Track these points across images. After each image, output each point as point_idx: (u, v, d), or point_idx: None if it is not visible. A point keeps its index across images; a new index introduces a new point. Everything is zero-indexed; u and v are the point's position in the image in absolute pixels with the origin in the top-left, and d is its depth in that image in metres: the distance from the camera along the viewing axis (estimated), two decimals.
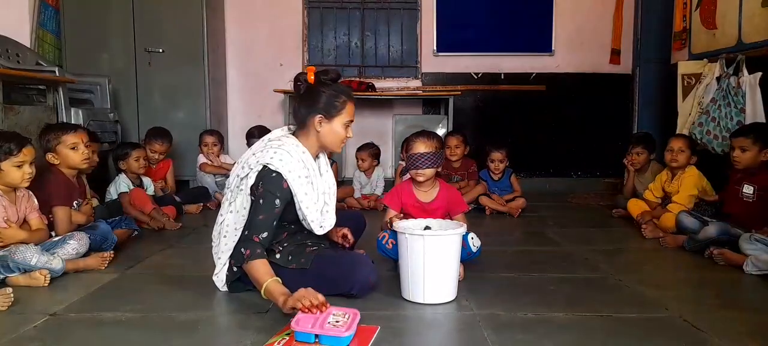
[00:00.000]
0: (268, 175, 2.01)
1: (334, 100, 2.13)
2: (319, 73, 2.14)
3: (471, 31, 5.37)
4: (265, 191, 2.00)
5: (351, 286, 2.05)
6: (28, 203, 2.52)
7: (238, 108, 5.37)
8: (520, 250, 3.06)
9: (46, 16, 4.54)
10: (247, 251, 1.97)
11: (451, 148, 4.24)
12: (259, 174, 2.03)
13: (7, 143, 2.39)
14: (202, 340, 1.75)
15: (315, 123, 2.12)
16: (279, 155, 2.03)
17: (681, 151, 3.41)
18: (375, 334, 1.73)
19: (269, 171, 2.01)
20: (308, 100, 2.14)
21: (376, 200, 4.30)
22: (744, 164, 2.93)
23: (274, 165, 2.01)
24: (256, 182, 2.04)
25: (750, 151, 2.91)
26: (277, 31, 5.33)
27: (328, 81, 2.14)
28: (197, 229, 3.49)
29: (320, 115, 2.12)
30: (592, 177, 5.47)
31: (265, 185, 2.01)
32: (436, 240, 2.02)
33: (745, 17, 3.56)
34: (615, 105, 5.45)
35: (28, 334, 1.77)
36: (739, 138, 2.97)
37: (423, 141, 2.41)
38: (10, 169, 2.39)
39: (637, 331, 1.82)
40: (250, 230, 2.00)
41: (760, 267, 2.42)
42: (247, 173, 2.07)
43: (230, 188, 2.16)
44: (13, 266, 2.22)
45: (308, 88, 2.14)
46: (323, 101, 2.12)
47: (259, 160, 2.05)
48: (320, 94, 2.12)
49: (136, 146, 3.78)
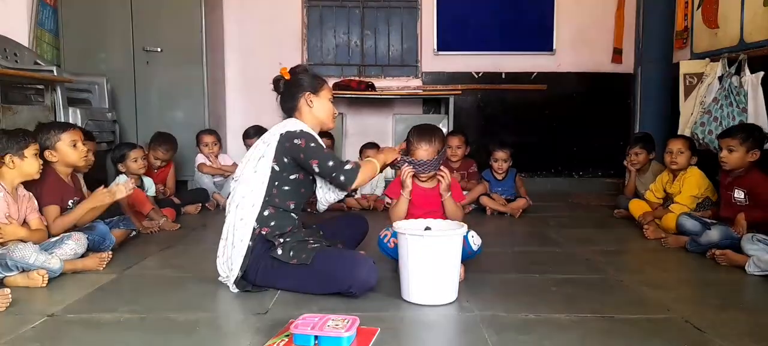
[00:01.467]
0: (294, 133, 2.19)
1: (315, 77, 2.36)
2: (293, 69, 2.36)
3: (471, 30, 5.36)
4: (307, 140, 2.18)
5: (350, 284, 2.05)
6: (29, 203, 2.52)
7: (237, 108, 5.36)
8: (521, 250, 3.05)
9: (44, 15, 4.52)
10: (350, 164, 2.19)
11: (452, 149, 4.23)
12: (279, 142, 2.18)
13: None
14: (201, 340, 1.74)
15: (306, 102, 2.31)
16: (290, 124, 2.24)
17: (680, 153, 3.38)
18: (375, 336, 1.72)
19: (292, 132, 2.19)
20: (291, 89, 2.33)
21: (376, 200, 4.28)
22: (731, 165, 2.91)
23: (292, 128, 2.21)
24: (280, 149, 2.18)
25: (737, 151, 2.89)
26: (277, 31, 5.31)
27: (302, 71, 2.37)
28: (196, 229, 3.48)
29: (307, 92, 2.30)
30: (594, 177, 5.46)
31: (305, 138, 2.19)
32: (437, 241, 2.01)
33: (747, 16, 3.54)
34: (616, 105, 5.43)
35: (26, 335, 1.76)
36: (726, 139, 2.94)
37: (425, 148, 2.41)
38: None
39: (638, 332, 1.81)
40: (332, 160, 2.17)
41: (762, 268, 2.41)
42: (263, 153, 2.20)
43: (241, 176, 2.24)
44: (12, 264, 2.22)
45: (287, 83, 2.34)
46: (306, 81, 2.33)
47: (273, 135, 2.22)
48: (301, 78, 2.33)
49: (133, 147, 3.75)
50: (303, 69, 2.40)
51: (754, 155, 2.86)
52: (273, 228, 2.16)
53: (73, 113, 3.69)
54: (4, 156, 2.44)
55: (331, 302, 2.03)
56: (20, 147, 2.47)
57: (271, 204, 2.18)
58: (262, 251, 2.14)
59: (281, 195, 2.20)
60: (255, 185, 2.17)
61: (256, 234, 2.15)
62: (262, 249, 2.14)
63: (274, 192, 2.19)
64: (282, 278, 2.14)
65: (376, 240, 2.47)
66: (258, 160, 2.20)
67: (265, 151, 2.20)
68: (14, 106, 3.20)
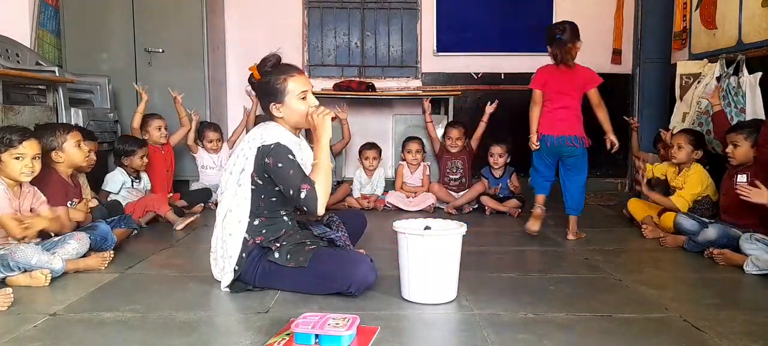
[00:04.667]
0: (268, 149, 2.09)
1: (276, 83, 2.19)
2: (259, 64, 2.23)
3: (471, 31, 5.37)
4: (275, 159, 2.08)
5: (349, 284, 2.05)
6: (34, 198, 2.52)
7: (238, 108, 5.36)
8: (521, 250, 3.06)
9: (46, 15, 4.53)
10: (306, 186, 2.04)
11: (451, 139, 4.32)
12: (256, 157, 2.10)
13: (8, 135, 2.41)
14: (202, 340, 1.75)
15: (274, 110, 2.22)
16: (267, 134, 2.14)
17: (680, 148, 3.37)
18: (375, 334, 1.73)
19: (266, 147, 2.10)
20: (261, 94, 2.25)
21: (376, 199, 4.30)
22: (739, 160, 2.95)
23: (268, 141, 2.11)
24: (258, 165, 2.11)
25: (742, 146, 2.92)
26: (277, 31, 5.32)
27: (269, 69, 2.21)
28: (197, 229, 3.49)
29: (272, 102, 2.21)
30: (593, 177, 5.43)
31: (274, 156, 2.08)
32: (436, 240, 2.02)
33: (746, 17, 3.55)
34: (615, 105, 5.42)
35: (28, 334, 1.77)
36: (731, 134, 2.99)
37: None
38: (9, 161, 2.39)
39: (637, 331, 1.82)
40: (293, 188, 2.05)
41: (760, 267, 2.43)
42: (243, 166, 2.13)
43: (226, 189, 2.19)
44: (14, 265, 2.22)
45: (258, 84, 2.23)
46: (270, 89, 2.20)
47: (250, 147, 2.13)
48: (266, 84, 2.21)
49: (143, 145, 3.80)
50: (271, 63, 2.22)
51: None
52: (266, 235, 2.16)
53: (75, 114, 3.69)
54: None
55: (332, 301, 2.04)
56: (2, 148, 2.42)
57: (260, 215, 2.16)
58: (258, 256, 2.14)
59: (269, 205, 2.17)
60: (240, 199, 2.13)
61: (250, 245, 2.14)
62: (258, 254, 2.15)
63: (261, 204, 2.16)
64: (280, 281, 2.14)
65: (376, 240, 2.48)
66: (240, 174, 2.14)
67: (245, 165, 2.13)
68: (16, 107, 3.21)
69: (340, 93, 4.90)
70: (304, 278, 2.10)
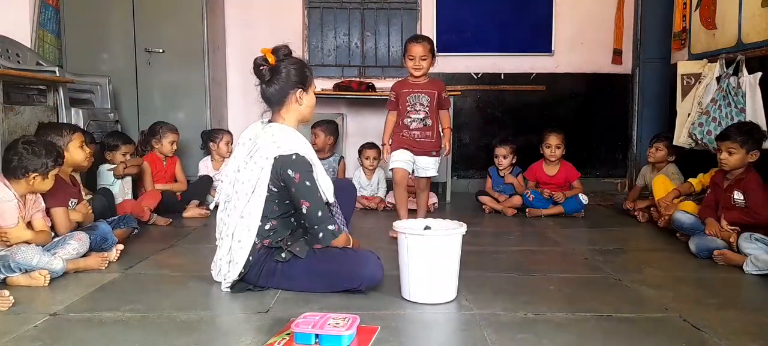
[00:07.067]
0: (288, 160, 2.05)
1: (304, 69, 2.17)
2: (276, 50, 2.15)
3: (471, 31, 5.37)
4: (300, 177, 2.05)
5: (360, 282, 2.07)
6: (35, 203, 2.52)
7: (238, 108, 5.37)
8: (520, 249, 3.06)
9: (46, 16, 4.53)
10: (334, 226, 2.11)
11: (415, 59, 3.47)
12: (274, 165, 2.06)
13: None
14: (202, 340, 1.75)
15: (295, 98, 2.16)
16: (281, 140, 2.08)
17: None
18: (375, 334, 1.74)
19: (286, 159, 2.05)
20: (278, 80, 2.14)
21: (379, 201, 4.30)
22: (731, 166, 2.89)
23: (285, 150, 2.06)
24: (275, 173, 2.06)
25: (737, 153, 2.86)
26: (278, 32, 5.29)
27: (285, 56, 2.16)
28: (197, 229, 3.49)
29: (300, 88, 2.15)
30: (592, 177, 5.46)
31: (298, 170, 2.05)
32: (436, 240, 2.03)
33: (745, 17, 3.55)
34: (615, 105, 5.44)
35: (28, 334, 1.78)
36: (726, 142, 2.89)
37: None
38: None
39: (636, 331, 1.82)
40: (321, 209, 2.09)
41: (760, 267, 2.43)
42: (259, 176, 2.07)
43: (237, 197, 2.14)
44: (15, 266, 2.22)
45: (272, 69, 2.14)
46: (295, 75, 2.14)
47: (265, 156, 2.07)
48: (289, 69, 2.14)
49: (128, 142, 3.78)
50: (287, 52, 2.17)
51: (753, 156, 2.85)
52: (274, 237, 2.16)
53: (76, 114, 3.70)
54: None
55: (332, 301, 2.04)
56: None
57: (272, 219, 2.14)
58: (264, 256, 2.14)
59: (282, 209, 2.15)
60: (252, 207, 2.08)
61: (257, 248, 2.13)
62: (264, 255, 2.14)
63: (276, 209, 2.13)
64: (287, 280, 2.13)
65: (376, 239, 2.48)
66: (256, 182, 2.07)
67: (260, 175, 2.07)
68: (16, 107, 3.21)
69: (340, 93, 4.91)
70: (313, 277, 2.10)
